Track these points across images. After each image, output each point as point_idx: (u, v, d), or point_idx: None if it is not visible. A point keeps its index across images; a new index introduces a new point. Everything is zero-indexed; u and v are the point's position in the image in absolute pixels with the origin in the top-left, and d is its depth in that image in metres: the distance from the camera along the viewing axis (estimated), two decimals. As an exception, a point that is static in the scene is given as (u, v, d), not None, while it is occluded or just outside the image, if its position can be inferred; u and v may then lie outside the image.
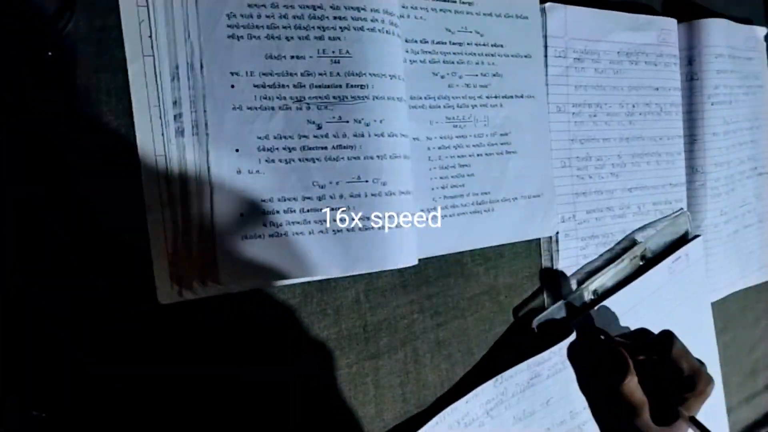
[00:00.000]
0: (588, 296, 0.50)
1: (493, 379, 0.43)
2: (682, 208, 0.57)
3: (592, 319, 0.48)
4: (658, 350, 0.43)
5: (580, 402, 0.47)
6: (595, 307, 0.49)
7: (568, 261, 0.50)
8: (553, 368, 0.46)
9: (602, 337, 0.46)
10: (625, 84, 0.53)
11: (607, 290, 0.51)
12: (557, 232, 0.49)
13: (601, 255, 0.52)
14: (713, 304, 0.60)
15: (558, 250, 0.49)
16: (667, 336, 0.43)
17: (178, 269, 0.34)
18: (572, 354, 0.46)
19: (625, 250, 0.53)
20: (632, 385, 0.41)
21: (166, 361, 0.34)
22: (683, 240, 0.57)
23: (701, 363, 0.43)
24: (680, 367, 0.42)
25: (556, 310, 0.48)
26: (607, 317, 0.50)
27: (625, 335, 0.47)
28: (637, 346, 0.44)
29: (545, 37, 0.48)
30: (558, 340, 0.46)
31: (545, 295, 0.49)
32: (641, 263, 0.53)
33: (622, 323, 0.51)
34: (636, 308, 0.52)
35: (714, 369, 0.61)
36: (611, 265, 0.51)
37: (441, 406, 0.41)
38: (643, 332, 0.46)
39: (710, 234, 0.59)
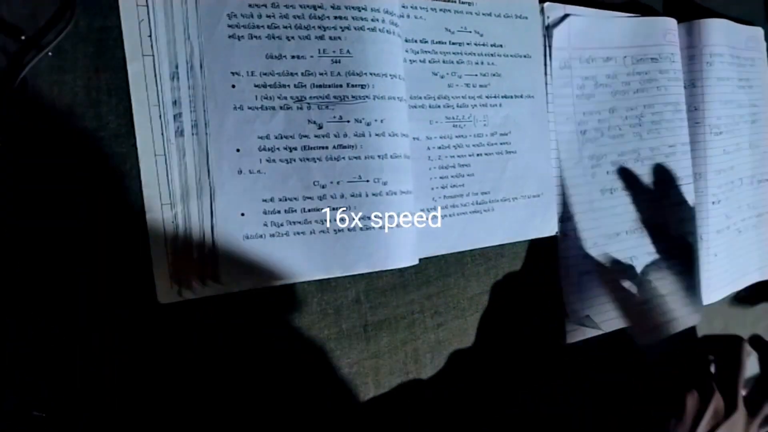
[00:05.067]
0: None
1: None
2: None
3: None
4: None
5: None
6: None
7: (568, 261, 0.50)
8: None
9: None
10: (624, 84, 0.52)
11: (607, 290, 0.51)
12: (557, 232, 0.49)
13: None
14: (713, 304, 0.60)
15: (558, 250, 0.49)
16: None
17: (178, 269, 0.34)
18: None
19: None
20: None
21: (166, 361, 0.34)
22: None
23: None
24: None
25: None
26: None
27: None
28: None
29: (545, 36, 0.48)
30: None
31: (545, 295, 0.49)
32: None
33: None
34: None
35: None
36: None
37: (440, 405, 0.41)
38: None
39: (710, 234, 0.59)
